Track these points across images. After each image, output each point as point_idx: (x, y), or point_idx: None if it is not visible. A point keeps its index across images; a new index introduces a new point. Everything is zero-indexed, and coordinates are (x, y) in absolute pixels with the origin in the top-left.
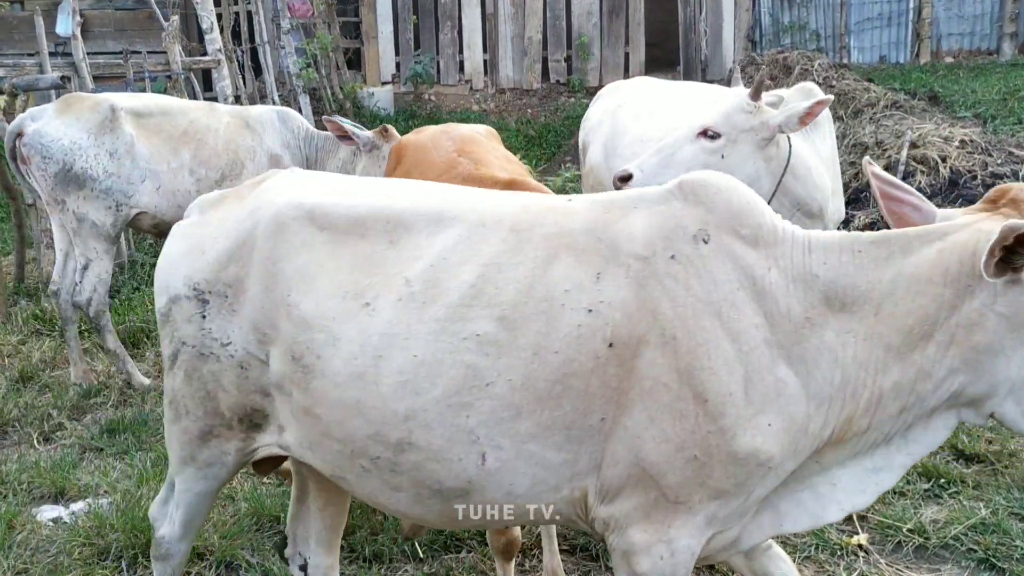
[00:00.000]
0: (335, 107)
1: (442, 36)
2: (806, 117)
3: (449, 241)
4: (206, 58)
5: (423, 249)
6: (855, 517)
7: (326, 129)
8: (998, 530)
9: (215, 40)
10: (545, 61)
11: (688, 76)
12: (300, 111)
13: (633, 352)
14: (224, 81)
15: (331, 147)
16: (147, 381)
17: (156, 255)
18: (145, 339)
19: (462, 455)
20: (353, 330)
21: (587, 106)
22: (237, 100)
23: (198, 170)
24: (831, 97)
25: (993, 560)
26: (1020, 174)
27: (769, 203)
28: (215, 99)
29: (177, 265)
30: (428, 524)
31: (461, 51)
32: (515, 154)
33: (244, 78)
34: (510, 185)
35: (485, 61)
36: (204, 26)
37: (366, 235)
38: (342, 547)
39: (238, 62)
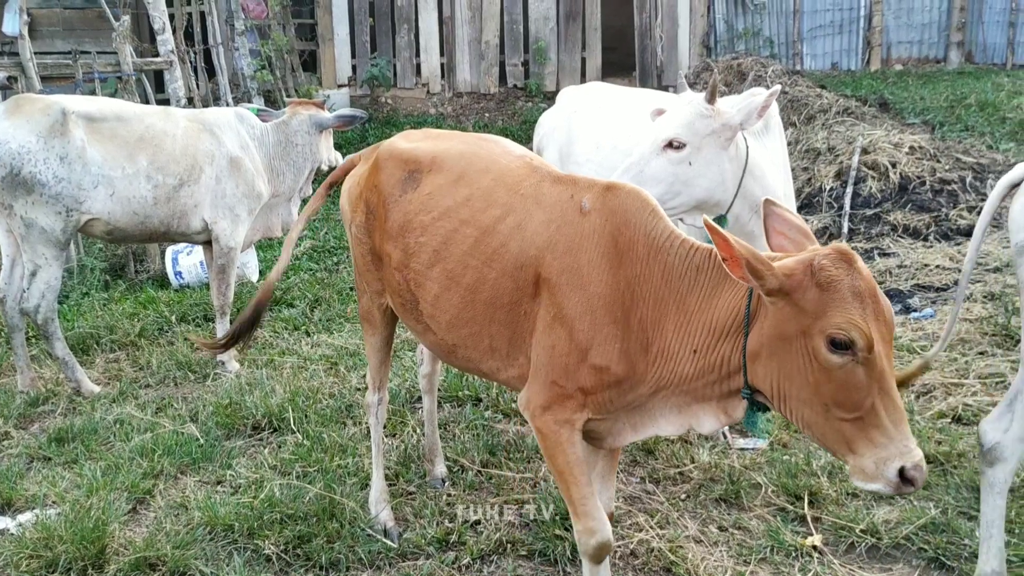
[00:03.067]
0: None
1: (399, 39)
2: (761, 110)
3: None
4: (158, 59)
5: None
6: (809, 519)
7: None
8: (948, 529)
9: (167, 41)
10: (502, 65)
11: (644, 81)
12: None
13: None
14: (177, 83)
15: (285, 140)
16: (96, 388)
17: (106, 259)
18: (95, 345)
19: None
20: None
21: (544, 110)
22: (190, 102)
23: (155, 176)
24: (778, 87)
25: (943, 559)
26: (967, 180)
27: (731, 205)
28: (167, 101)
29: None
30: None
31: (418, 54)
32: None
33: (197, 80)
34: (607, 188)
35: (442, 64)
36: (156, 26)
37: None
38: (297, 555)
39: (191, 63)
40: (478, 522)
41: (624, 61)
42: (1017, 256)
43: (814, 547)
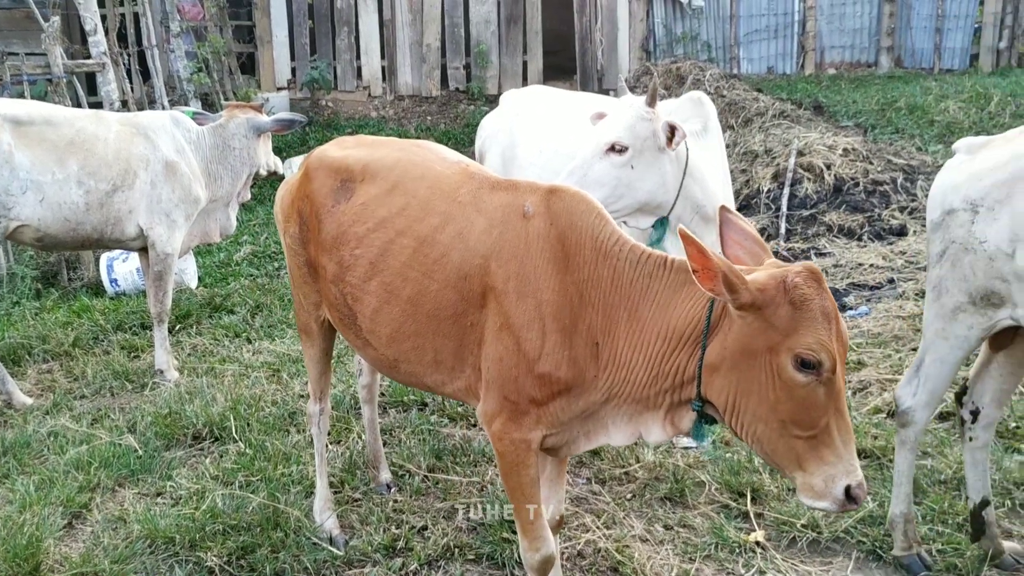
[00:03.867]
0: None
1: (339, 41)
2: (669, 141)
3: None
4: (90, 61)
5: None
6: (752, 515)
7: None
8: (884, 522)
9: (100, 42)
10: (444, 68)
11: (585, 85)
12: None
13: None
14: (110, 85)
15: (222, 144)
16: (28, 400)
17: (38, 267)
18: (26, 356)
19: None
20: None
21: (486, 113)
22: (124, 105)
23: (87, 181)
24: (683, 132)
25: (880, 551)
26: (898, 181)
27: (673, 207)
28: (100, 104)
29: (957, 188)
30: None
31: (359, 57)
32: None
33: (131, 83)
34: (550, 192)
35: (383, 67)
36: (88, 27)
37: None
38: (241, 566)
39: (125, 66)
40: (425, 527)
41: (565, 65)
42: (931, 233)
43: (757, 543)
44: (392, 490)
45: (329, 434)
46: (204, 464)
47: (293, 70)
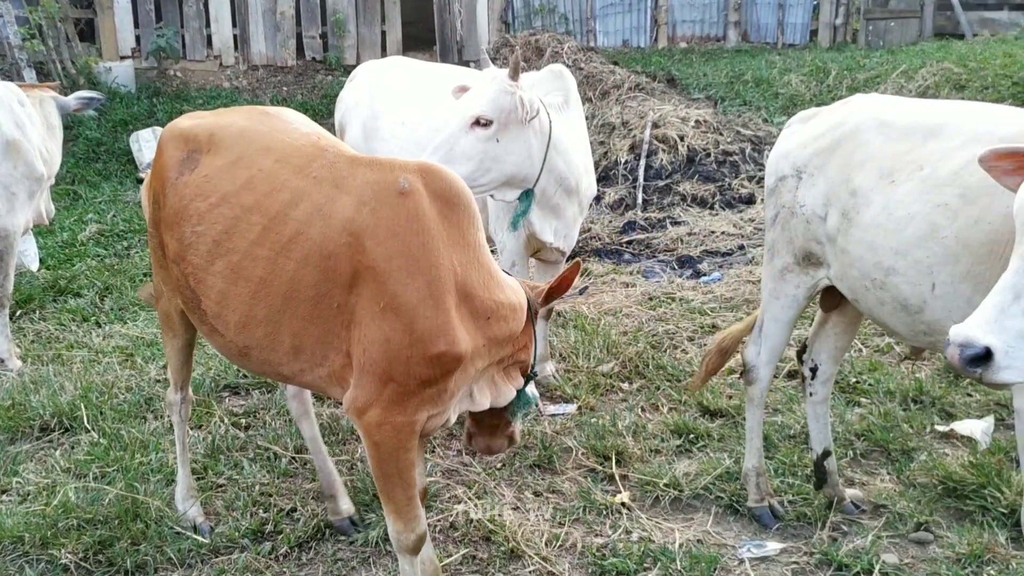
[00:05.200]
0: (67, 83)
1: (186, 8)
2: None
3: (948, 145)
4: None
5: (936, 150)
6: (617, 477)
7: None
8: (740, 477)
9: None
10: (300, 37)
11: (445, 56)
12: None
13: None
14: None
15: (46, 122)
16: None
17: None
18: None
19: (921, 281)
20: (880, 197)
21: (345, 84)
22: None
23: None
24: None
25: (736, 505)
26: (747, 151)
27: (538, 179)
28: None
29: (787, 156)
30: (894, 333)
31: (208, 25)
32: None
33: None
34: (424, 169)
35: (235, 36)
36: None
37: (907, 138)
38: (99, 562)
39: None
40: (294, 509)
41: (424, 35)
42: (767, 198)
43: (623, 504)
44: (357, 528)
45: (189, 419)
46: (54, 457)
47: (137, 38)
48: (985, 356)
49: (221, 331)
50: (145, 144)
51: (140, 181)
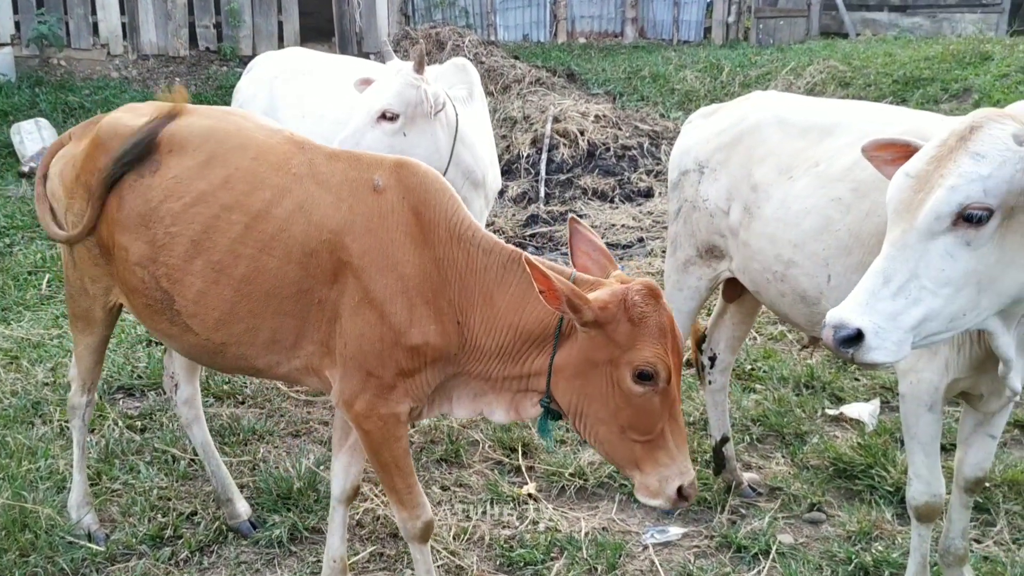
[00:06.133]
0: None
1: None
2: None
3: (841, 142)
4: None
5: (831, 148)
6: (524, 469)
7: None
8: None
9: None
10: (193, 27)
11: (344, 48)
12: None
13: None
14: None
15: None
16: None
17: None
18: None
19: (818, 272)
20: (779, 191)
21: (241, 75)
22: None
23: None
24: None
25: None
26: (645, 146)
27: (446, 173)
28: None
29: (689, 151)
30: (794, 323)
31: (95, 12)
32: None
33: None
34: (399, 165)
35: (124, 24)
36: None
37: (805, 136)
38: None
39: None
40: (195, 512)
41: (323, 26)
42: (670, 192)
43: (529, 495)
44: (257, 529)
45: None
46: None
47: (17, 24)
48: (856, 337)
49: (196, 329)
50: (27, 136)
51: (23, 175)
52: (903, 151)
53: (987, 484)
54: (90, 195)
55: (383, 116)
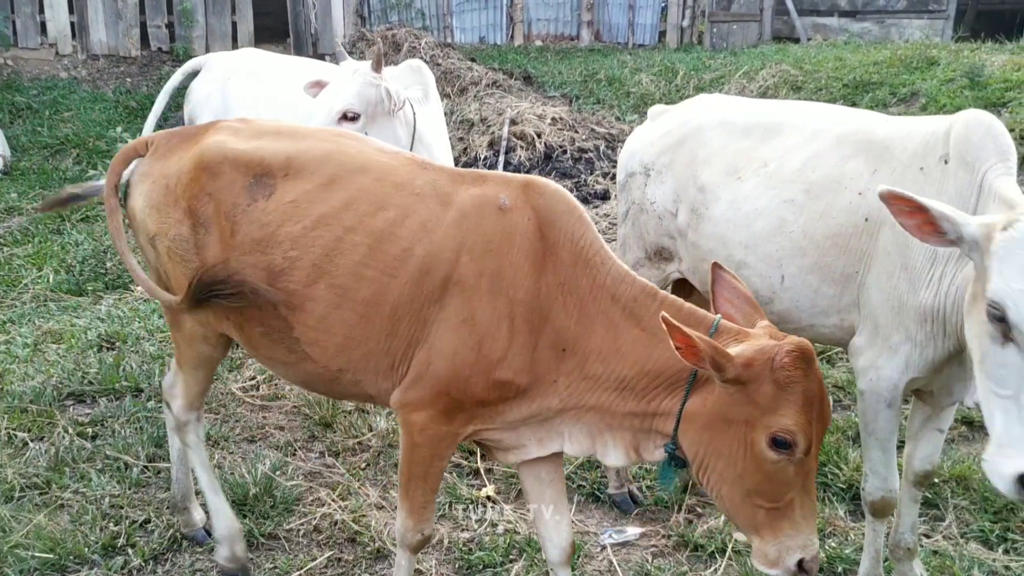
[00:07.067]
0: None
1: None
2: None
3: (789, 143)
4: None
5: (779, 147)
6: (482, 471)
7: None
8: (600, 465)
9: None
10: (144, 26)
11: (299, 49)
12: None
13: None
14: None
15: None
16: None
17: None
18: None
19: (771, 273)
20: (728, 192)
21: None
22: None
23: None
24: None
25: (597, 493)
26: (601, 148)
27: None
28: None
29: (635, 154)
30: None
31: (42, 11)
32: (116, 127)
33: None
34: (526, 185)
35: (73, 23)
36: None
37: (748, 136)
38: None
39: None
40: (148, 520)
41: (278, 27)
42: (618, 194)
43: (488, 497)
44: (212, 536)
45: (30, 430)
46: None
47: None
48: None
49: (315, 357)
50: None
51: None
52: (916, 208)
53: (936, 480)
54: (198, 223)
55: (344, 116)
